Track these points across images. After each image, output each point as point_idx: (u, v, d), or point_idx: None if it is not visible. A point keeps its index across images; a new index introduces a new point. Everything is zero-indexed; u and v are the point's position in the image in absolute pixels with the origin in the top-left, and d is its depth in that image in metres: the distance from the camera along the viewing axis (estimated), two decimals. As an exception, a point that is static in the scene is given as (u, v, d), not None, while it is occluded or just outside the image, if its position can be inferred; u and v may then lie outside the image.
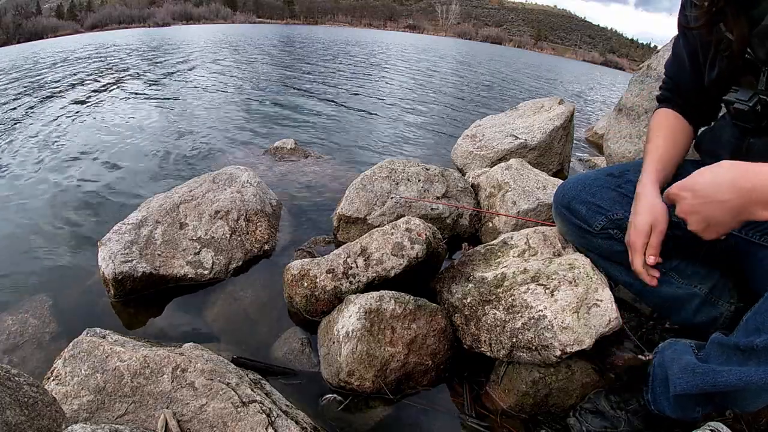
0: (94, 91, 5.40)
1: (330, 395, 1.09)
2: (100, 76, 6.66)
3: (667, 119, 1.06)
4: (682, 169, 1.02)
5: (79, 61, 9.05)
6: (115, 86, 5.72)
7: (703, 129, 1.09)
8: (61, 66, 8.20)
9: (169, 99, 4.87)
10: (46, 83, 6.10)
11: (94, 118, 3.95)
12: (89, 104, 4.59)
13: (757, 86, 0.82)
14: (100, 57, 9.78)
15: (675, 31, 1.05)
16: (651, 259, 0.88)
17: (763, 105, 0.81)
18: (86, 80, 6.30)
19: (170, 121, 3.82)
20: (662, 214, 0.87)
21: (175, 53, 10.67)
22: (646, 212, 0.88)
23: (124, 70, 7.37)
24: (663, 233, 0.87)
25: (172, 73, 7.11)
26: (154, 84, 5.91)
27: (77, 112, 4.24)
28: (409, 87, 6.83)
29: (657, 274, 0.90)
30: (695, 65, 0.98)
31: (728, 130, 0.95)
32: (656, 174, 0.95)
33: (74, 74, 6.98)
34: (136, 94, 5.16)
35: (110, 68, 7.71)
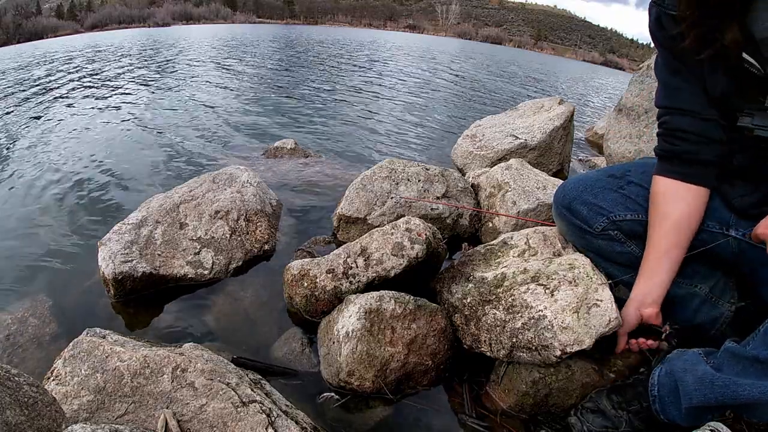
0: (94, 91, 5.40)
1: (327, 393, 1.09)
2: (99, 77, 6.66)
3: (674, 203, 0.94)
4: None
5: (79, 61, 9.05)
6: (114, 86, 5.72)
7: None
8: (61, 66, 8.20)
9: (169, 100, 4.87)
10: (46, 83, 6.10)
11: (94, 119, 3.95)
12: (89, 104, 4.59)
13: (764, 103, 0.78)
14: (100, 57, 9.79)
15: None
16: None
17: None
18: (86, 80, 6.30)
19: (170, 122, 3.82)
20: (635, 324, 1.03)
21: (175, 54, 10.67)
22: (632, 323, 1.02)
23: (123, 70, 7.37)
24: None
25: (172, 73, 7.11)
26: (153, 85, 5.91)
27: (77, 112, 4.24)
28: (409, 87, 6.83)
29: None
30: (695, 82, 0.89)
31: (738, 155, 0.91)
32: (654, 296, 0.99)
33: (73, 74, 6.99)
34: (136, 94, 5.16)
35: (110, 68, 7.71)
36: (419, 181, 1.82)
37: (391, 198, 1.74)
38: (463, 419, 1.06)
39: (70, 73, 7.17)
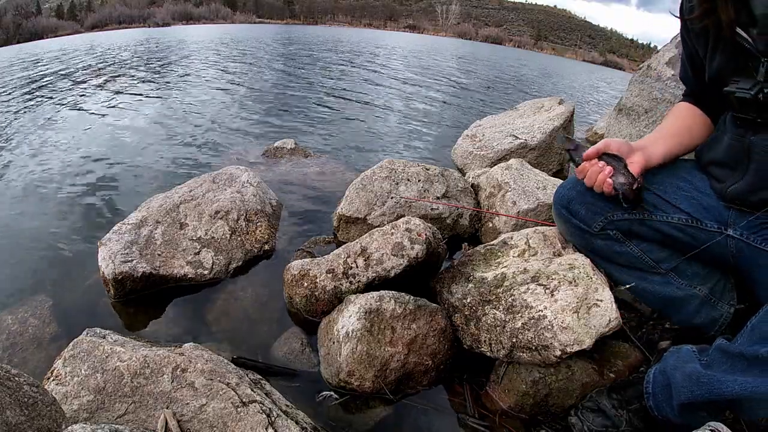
0: (94, 91, 5.40)
1: (326, 392, 1.09)
2: (99, 77, 6.66)
3: (684, 107, 1.10)
4: (687, 172, 1.02)
5: (79, 61, 9.05)
6: (114, 87, 5.72)
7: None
8: (61, 66, 8.20)
9: (169, 99, 4.87)
10: (46, 84, 6.10)
11: (94, 119, 3.95)
12: (89, 105, 4.59)
13: (756, 77, 0.81)
14: (100, 57, 9.78)
15: (674, 30, 1.05)
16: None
17: (765, 95, 0.79)
18: (86, 81, 6.30)
19: (170, 122, 3.82)
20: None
21: (175, 54, 10.67)
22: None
23: (123, 71, 7.37)
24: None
25: (172, 73, 7.11)
26: (153, 84, 5.91)
27: (77, 112, 4.24)
28: (409, 87, 6.83)
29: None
30: (695, 67, 0.99)
31: (728, 134, 0.93)
32: (655, 144, 1.01)
33: (74, 75, 6.98)
34: (136, 94, 5.16)
35: (110, 69, 7.71)
36: (419, 181, 1.82)
37: (391, 198, 1.74)
38: (463, 419, 1.06)
39: (69, 73, 7.17)
